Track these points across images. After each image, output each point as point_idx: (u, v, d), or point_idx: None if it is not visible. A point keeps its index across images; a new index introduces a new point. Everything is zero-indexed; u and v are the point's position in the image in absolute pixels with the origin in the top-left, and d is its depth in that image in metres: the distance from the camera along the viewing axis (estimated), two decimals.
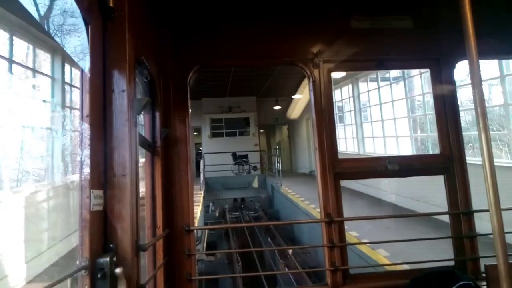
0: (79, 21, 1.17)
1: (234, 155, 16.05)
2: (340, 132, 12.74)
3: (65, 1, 1.32)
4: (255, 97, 17.45)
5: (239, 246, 9.11)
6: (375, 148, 9.87)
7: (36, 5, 1.37)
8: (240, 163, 16.13)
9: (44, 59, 6.00)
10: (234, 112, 17.45)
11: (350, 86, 11.21)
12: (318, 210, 2.30)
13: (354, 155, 10.47)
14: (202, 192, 12.59)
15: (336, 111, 13.37)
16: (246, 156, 16.18)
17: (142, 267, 1.40)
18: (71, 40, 1.33)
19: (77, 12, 1.16)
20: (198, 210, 8.85)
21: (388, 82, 9.18)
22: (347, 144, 12.05)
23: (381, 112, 9.40)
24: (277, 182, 13.49)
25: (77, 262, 1.07)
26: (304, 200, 9.47)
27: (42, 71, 5.84)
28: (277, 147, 23.08)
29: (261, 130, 19.63)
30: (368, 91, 10.10)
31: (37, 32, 5.33)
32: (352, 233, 5.76)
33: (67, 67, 6.11)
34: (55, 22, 1.43)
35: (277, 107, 16.96)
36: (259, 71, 11.98)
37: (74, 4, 1.13)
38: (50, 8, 1.43)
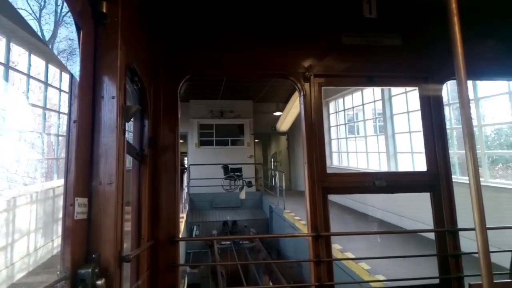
0: (71, 25, 1.17)
1: (225, 168, 13.58)
2: (359, 145, 10.39)
3: (58, 5, 1.33)
4: (251, 101, 15.18)
5: None
6: (415, 168, 7.51)
7: (29, 7, 1.33)
8: (232, 178, 13.68)
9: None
10: (226, 117, 15.12)
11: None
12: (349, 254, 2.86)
13: None
14: (185, 215, 10.06)
15: (354, 118, 11.07)
16: (239, 170, 13.70)
17: (125, 278, 1.34)
18: (61, 43, 1.32)
19: (69, 16, 1.16)
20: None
21: None
22: (368, 161, 9.64)
23: None
24: (277, 203, 11.14)
25: (58, 272, 1.06)
26: None
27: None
28: (273, 159, 20.72)
29: (256, 140, 17.25)
30: (406, 92, 7.80)
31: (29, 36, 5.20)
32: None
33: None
34: (46, 25, 1.36)
35: (278, 113, 14.58)
36: None
37: (67, 8, 1.14)
38: (41, 11, 1.34)
